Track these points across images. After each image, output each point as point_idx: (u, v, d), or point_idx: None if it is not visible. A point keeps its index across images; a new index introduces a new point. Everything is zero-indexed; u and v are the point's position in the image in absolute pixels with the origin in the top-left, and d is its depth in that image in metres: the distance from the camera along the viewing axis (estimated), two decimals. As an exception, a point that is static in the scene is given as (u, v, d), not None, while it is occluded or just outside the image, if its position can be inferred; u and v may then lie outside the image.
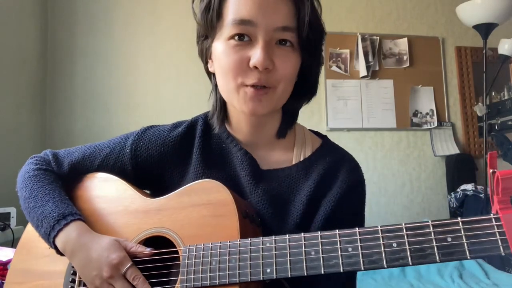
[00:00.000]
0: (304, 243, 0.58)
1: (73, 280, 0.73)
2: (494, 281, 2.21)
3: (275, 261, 0.58)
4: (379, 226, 0.55)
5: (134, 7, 2.85)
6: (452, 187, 2.96)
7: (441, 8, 3.22)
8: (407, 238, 0.53)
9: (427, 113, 3.09)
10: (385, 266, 0.53)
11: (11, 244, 1.69)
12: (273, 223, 0.71)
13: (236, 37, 0.67)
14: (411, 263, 0.52)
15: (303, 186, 0.73)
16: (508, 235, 0.47)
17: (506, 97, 3.14)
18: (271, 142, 0.79)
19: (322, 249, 0.56)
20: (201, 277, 0.62)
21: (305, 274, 0.56)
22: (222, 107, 0.77)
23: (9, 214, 1.80)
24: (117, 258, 0.65)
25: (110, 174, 0.80)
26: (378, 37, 3.08)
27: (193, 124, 0.82)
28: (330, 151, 0.78)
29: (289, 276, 0.57)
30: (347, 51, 3.04)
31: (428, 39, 3.17)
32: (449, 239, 0.51)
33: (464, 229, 0.51)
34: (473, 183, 2.81)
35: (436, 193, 3.06)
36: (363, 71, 3.00)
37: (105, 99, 2.75)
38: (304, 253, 0.57)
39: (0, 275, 1.21)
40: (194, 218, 0.67)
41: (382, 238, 0.54)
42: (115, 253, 0.66)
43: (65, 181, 0.81)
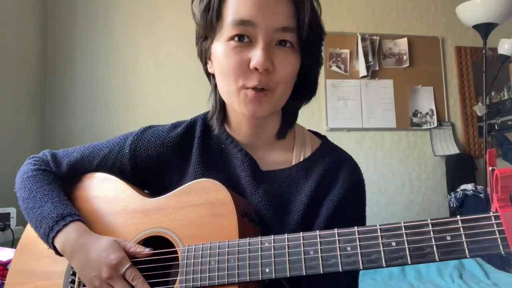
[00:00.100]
0: (303, 243, 0.58)
1: (73, 280, 0.73)
2: (494, 281, 2.20)
3: (274, 260, 0.58)
4: (377, 225, 0.55)
5: (134, 7, 2.85)
6: (452, 187, 2.95)
7: (441, 8, 3.22)
8: (406, 237, 0.52)
9: (427, 113, 3.09)
10: (384, 265, 0.53)
11: (11, 244, 1.69)
12: (274, 224, 0.71)
13: (236, 38, 0.66)
14: (410, 262, 0.51)
15: (304, 186, 0.73)
16: (507, 234, 0.47)
17: (506, 97, 3.14)
18: (271, 143, 0.79)
19: (321, 249, 0.56)
20: (200, 277, 0.62)
21: (304, 273, 0.56)
22: (221, 108, 0.77)
23: (9, 214, 1.80)
24: (116, 258, 0.65)
25: (109, 174, 0.80)
26: (378, 37, 3.08)
27: (192, 124, 0.81)
28: (329, 152, 0.78)
29: (288, 275, 0.57)
30: (347, 51, 3.04)
31: (428, 39, 3.17)
32: (448, 238, 0.51)
33: (463, 227, 0.50)
34: (473, 183, 2.81)
35: (436, 193, 3.05)
36: (363, 71, 2.99)
37: (105, 99, 2.75)
38: (303, 253, 0.57)
39: (0, 275, 1.21)
40: (193, 217, 0.67)
41: (381, 237, 0.54)
42: (114, 254, 0.66)
43: (64, 182, 0.81)
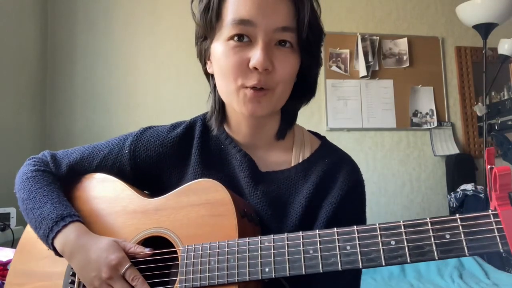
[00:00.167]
0: (302, 242, 0.58)
1: (72, 281, 0.73)
2: (494, 281, 2.20)
3: (274, 260, 0.58)
4: (377, 224, 0.55)
5: (134, 7, 2.85)
6: (452, 187, 2.95)
7: (441, 8, 3.22)
8: (405, 235, 0.53)
9: (427, 113, 3.09)
10: (384, 264, 0.53)
11: (11, 244, 1.69)
12: (272, 225, 0.71)
13: (235, 38, 0.66)
14: (409, 261, 0.51)
15: (302, 188, 0.73)
16: (506, 232, 0.47)
17: (505, 97, 3.14)
18: (270, 143, 0.78)
19: (320, 248, 0.56)
20: (200, 277, 0.62)
21: (304, 273, 0.56)
22: (220, 108, 0.77)
23: (9, 214, 1.80)
24: (116, 258, 0.65)
25: (108, 174, 0.80)
26: (378, 37, 3.08)
27: (191, 125, 0.81)
28: (329, 153, 0.78)
29: (288, 275, 0.57)
30: (347, 51, 3.04)
31: (428, 39, 3.17)
32: (448, 236, 0.51)
33: (462, 226, 0.50)
34: (473, 183, 2.81)
35: (436, 193, 3.05)
36: (363, 71, 2.99)
37: (105, 99, 2.75)
38: (302, 252, 0.57)
39: (0, 276, 1.21)
40: (192, 217, 0.67)
41: (380, 236, 0.54)
42: (114, 254, 0.66)
43: (64, 182, 0.81)
